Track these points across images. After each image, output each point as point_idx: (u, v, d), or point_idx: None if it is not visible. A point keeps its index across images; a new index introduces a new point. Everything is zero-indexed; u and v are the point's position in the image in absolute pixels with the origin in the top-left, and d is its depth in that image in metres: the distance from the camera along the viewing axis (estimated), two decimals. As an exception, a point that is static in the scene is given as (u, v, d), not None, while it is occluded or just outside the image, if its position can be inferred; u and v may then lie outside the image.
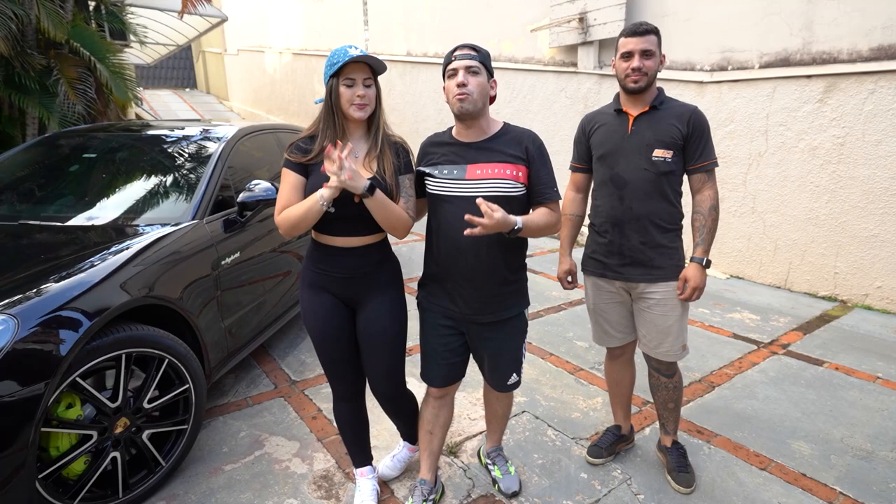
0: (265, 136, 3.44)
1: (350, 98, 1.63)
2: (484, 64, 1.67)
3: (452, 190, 1.69)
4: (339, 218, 1.66)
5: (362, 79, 1.63)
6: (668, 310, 1.97)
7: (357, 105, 1.64)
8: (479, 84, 1.64)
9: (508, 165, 1.68)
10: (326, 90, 1.66)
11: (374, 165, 1.69)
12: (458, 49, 1.68)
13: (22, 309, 1.65)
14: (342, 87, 1.62)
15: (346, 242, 1.72)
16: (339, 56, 1.61)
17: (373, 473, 2.06)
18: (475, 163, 1.69)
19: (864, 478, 2.18)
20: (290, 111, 12.47)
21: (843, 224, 4.14)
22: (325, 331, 1.79)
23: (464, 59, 1.65)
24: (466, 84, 1.62)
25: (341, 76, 1.62)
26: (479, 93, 1.65)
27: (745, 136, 4.63)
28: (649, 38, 1.86)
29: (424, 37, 8.31)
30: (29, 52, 5.31)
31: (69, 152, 3.14)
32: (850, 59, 4.00)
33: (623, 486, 2.14)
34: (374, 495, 2.00)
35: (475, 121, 1.70)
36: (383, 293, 1.79)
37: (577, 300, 4.18)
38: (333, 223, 1.69)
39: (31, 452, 1.61)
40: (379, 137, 1.71)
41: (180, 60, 17.93)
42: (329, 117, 1.67)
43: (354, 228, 1.70)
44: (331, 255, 1.73)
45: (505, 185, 1.67)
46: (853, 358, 3.25)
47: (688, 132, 1.90)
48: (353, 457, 2.05)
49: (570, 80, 6.10)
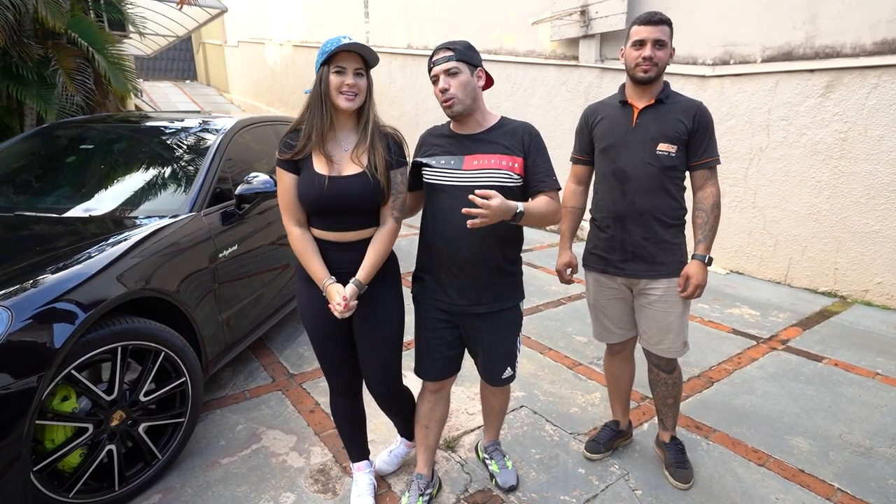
0: (264, 128, 3.41)
1: (338, 86, 1.58)
2: (464, 60, 1.65)
3: (449, 180, 1.69)
4: (331, 213, 1.66)
5: (353, 68, 1.60)
6: (669, 306, 1.95)
7: (346, 95, 1.59)
8: (461, 84, 1.64)
9: (504, 157, 1.68)
10: (316, 78, 1.62)
11: (363, 159, 1.64)
12: (436, 53, 1.68)
13: (16, 301, 1.64)
14: (332, 75, 1.58)
15: (341, 237, 1.69)
16: (331, 44, 1.58)
17: (369, 468, 2.05)
18: (472, 153, 1.69)
19: (863, 474, 2.18)
20: (291, 104, 12.41)
21: (844, 220, 4.13)
22: (321, 326, 1.78)
23: (441, 62, 1.65)
24: (448, 88, 1.64)
25: (332, 64, 1.58)
26: (464, 92, 1.65)
27: (746, 130, 4.60)
28: (662, 29, 1.83)
29: (425, 29, 8.26)
30: (26, 42, 5.26)
31: (66, 143, 3.12)
32: (854, 54, 3.97)
33: (621, 481, 2.13)
34: (371, 489, 2.00)
35: (469, 116, 1.71)
36: (380, 289, 1.75)
37: (577, 295, 4.17)
38: (326, 218, 1.67)
39: (25, 445, 1.61)
40: (369, 130, 1.67)
41: (180, 52, 17.83)
42: (317, 106, 1.61)
43: (347, 223, 1.68)
44: (326, 251, 1.71)
45: (501, 175, 1.67)
46: (853, 354, 3.25)
47: (693, 127, 1.87)
48: (349, 451, 2.05)
49: (571, 73, 6.06)
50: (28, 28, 5.31)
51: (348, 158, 1.65)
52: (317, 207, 1.65)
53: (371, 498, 1.98)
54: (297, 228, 1.70)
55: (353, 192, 1.62)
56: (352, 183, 1.62)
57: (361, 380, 1.92)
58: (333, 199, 1.62)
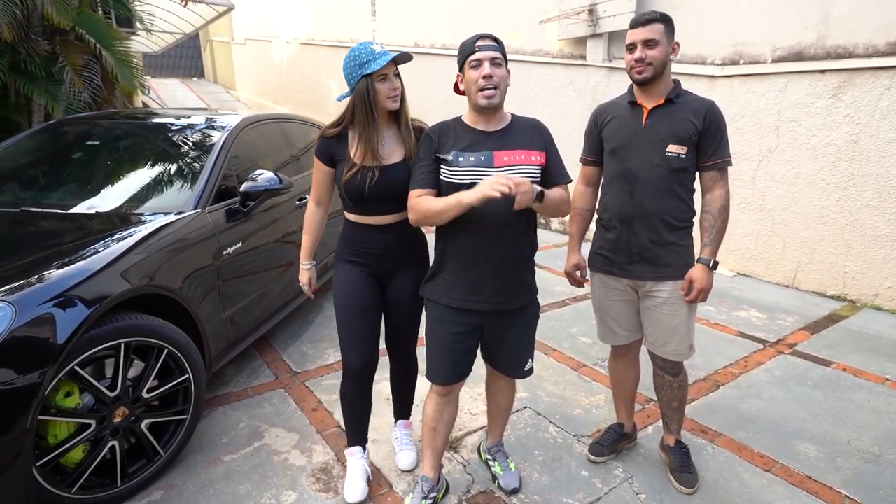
0: (270, 125, 3.41)
1: (387, 93, 1.77)
2: (504, 54, 1.66)
3: (482, 177, 1.61)
4: (371, 199, 1.82)
5: (392, 73, 1.78)
6: (675, 309, 1.93)
7: (392, 98, 1.78)
8: (503, 77, 1.65)
9: (532, 152, 1.70)
10: (359, 89, 1.75)
11: (402, 150, 1.85)
12: (481, 39, 1.65)
13: (20, 296, 1.64)
14: (377, 84, 1.75)
15: (380, 220, 1.88)
16: (367, 54, 1.72)
17: (363, 454, 2.09)
18: (501, 150, 1.68)
19: (871, 481, 2.15)
20: (297, 101, 12.42)
21: (854, 222, 4.08)
22: (355, 301, 1.92)
23: (488, 49, 1.62)
24: (493, 76, 1.62)
25: (375, 74, 1.73)
26: (503, 86, 1.66)
27: (755, 131, 4.55)
28: (652, 27, 1.80)
29: (432, 28, 8.23)
30: (34, 38, 5.28)
31: (73, 139, 3.13)
32: (867, 54, 3.92)
33: (624, 484, 2.11)
34: (364, 475, 2.04)
35: (494, 113, 1.70)
36: (414, 268, 1.96)
37: (582, 296, 4.14)
38: (367, 203, 1.85)
39: (28, 440, 1.61)
40: (404, 124, 1.87)
41: (188, 49, 17.86)
42: (367, 114, 1.77)
43: (385, 207, 1.85)
44: (369, 234, 1.89)
45: (532, 170, 1.68)
46: (861, 359, 3.21)
47: (703, 127, 1.84)
48: (349, 434, 2.09)
49: (578, 72, 6.02)
50: (36, 24, 5.33)
51: (389, 150, 1.84)
52: (365, 195, 1.81)
53: (363, 482, 2.01)
54: (314, 205, 2.01)
55: (397, 178, 1.80)
56: (395, 171, 1.82)
57: (376, 360, 2.00)
58: (379, 187, 1.80)
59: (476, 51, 1.63)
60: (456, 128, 1.75)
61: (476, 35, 1.67)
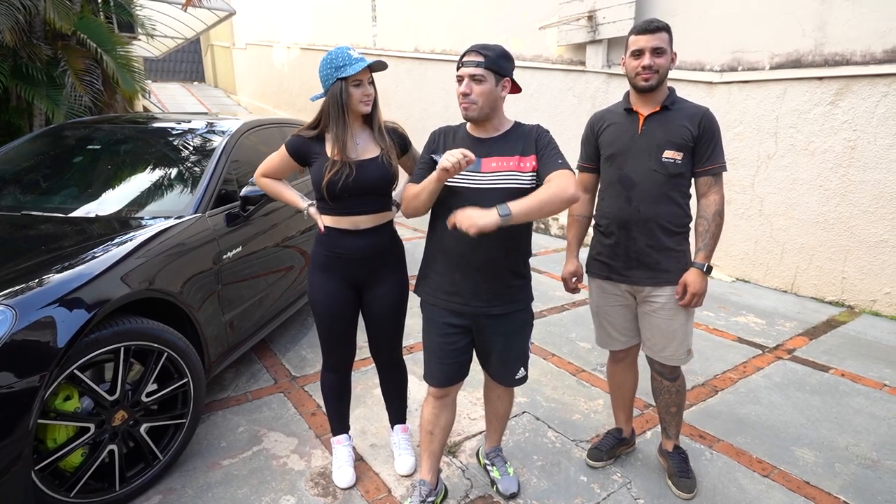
0: (270, 130, 3.42)
1: (360, 98, 1.82)
2: (492, 68, 1.64)
3: (468, 182, 1.68)
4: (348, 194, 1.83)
5: (367, 79, 1.83)
6: (673, 313, 1.94)
7: (364, 102, 1.84)
8: (483, 92, 1.65)
9: (523, 158, 1.70)
10: (333, 91, 1.80)
11: (376, 147, 1.90)
12: (467, 54, 1.67)
13: (20, 300, 1.64)
14: (352, 89, 1.80)
15: (356, 223, 1.89)
16: (343, 59, 1.77)
17: (348, 441, 2.20)
18: (490, 156, 1.70)
19: (869, 487, 2.15)
20: (298, 106, 12.45)
21: (852, 228, 4.09)
22: (333, 307, 1.96)
23: (469, 66, 1.65)
24: (469, 94, 1.65)
25: (350, 78, 1.78)
26: (485, 101, 1.65)
27: (754, 137, 4.57)
28: (660, 36, 1.82)
29: (433, 33, 8.27)
30: (36, 42, 5.31)
31: (73, 144, 3.14)
32: (864, 62, 3.94)
33: (623, 489, 2.11)
34: (350, 460, 2.15)
35: (486, 122, 1.73)
36: (392, 274, 1.99)
37: (581, 301, 4.15)
38: (345, 200, 1.85)
39: (27, 444, 1.61)
40: (381, 126, 1.93)
41: (189, 54, 17.93)
42: (339, 117, 1.82)
43: (362, 206, 1.87)
44: (345, 238, 1.90)
45: (520, 177, 1.68)
46: (860, 364, 3.21)
47: (698, 133, 1.86)
48: (332, 424, 2.20)
49: (577, 78, 6.05)
50: (38, 29, 5.36)
51: (363, 148, 1.89)
52: (339, 189, 1.81)
53: (350, 468, 2.12)
54: (265, 178, 2.05)
55: (372, 173, 1.85)
56: (370, 165, 1.86)
57: (354, 357, 2.13)
58: (356, 182, 1.82)
59: (461, 66, 1.67)
60: (458, 132, 1.80)
61: (468, 48, 1.69)
